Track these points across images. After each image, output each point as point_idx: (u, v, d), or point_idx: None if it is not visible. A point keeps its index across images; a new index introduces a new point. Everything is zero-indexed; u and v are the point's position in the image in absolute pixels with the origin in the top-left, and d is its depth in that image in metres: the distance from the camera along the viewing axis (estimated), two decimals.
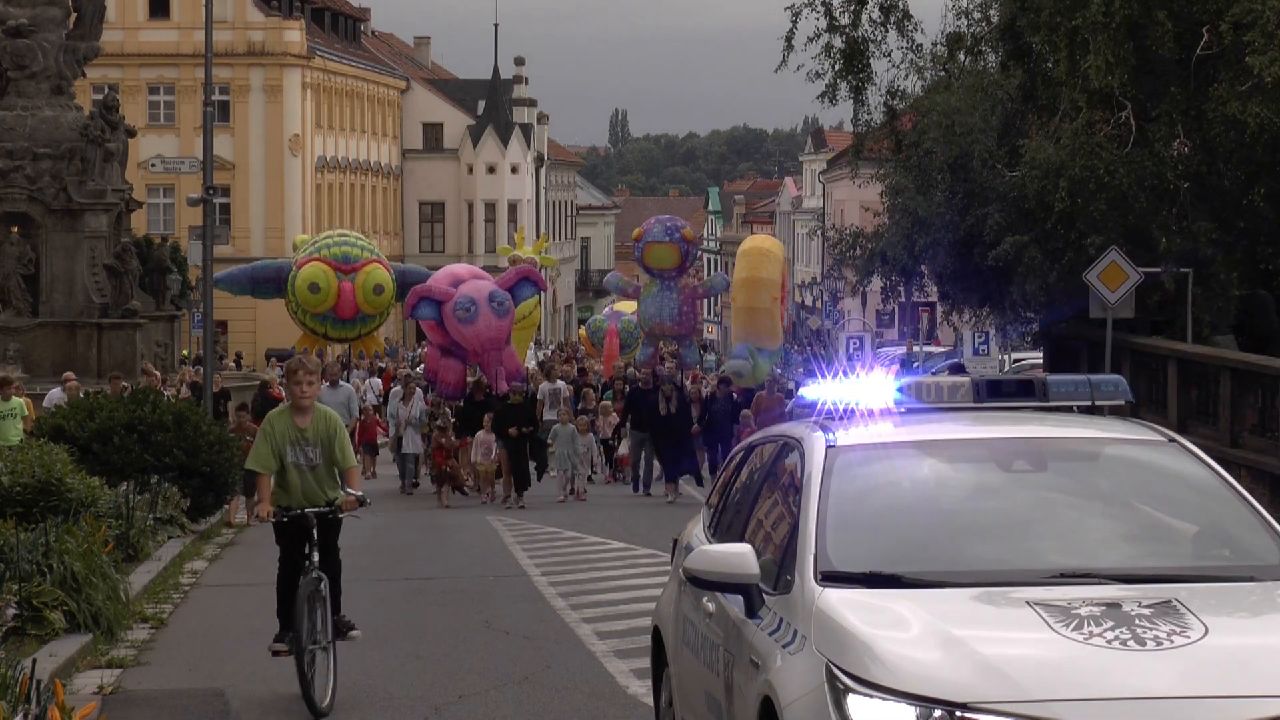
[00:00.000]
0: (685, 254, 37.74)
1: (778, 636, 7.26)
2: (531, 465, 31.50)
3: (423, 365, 40.73)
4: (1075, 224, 27.63)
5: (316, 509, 12.55)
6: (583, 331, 64.00)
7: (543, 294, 38.63)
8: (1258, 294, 28.03)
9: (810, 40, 31.60)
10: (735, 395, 33.43)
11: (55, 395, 29.80)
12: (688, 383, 38.16)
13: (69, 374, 32.16)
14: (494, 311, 33.99)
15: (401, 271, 47.27)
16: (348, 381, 37.54)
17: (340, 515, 12.65)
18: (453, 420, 31.33)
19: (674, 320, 37.10)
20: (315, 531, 12.51)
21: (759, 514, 8.47)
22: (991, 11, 31.65)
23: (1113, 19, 26.20)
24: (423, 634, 15.77)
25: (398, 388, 34.71)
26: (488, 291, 34.30)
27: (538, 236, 77.95)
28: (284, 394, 12.71)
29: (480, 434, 30.21)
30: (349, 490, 12.60)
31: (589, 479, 32.43)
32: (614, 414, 35.16)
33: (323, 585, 12.50)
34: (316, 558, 12.52)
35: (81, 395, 27.99)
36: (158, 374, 34.70)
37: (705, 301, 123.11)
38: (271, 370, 47.00)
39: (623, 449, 34.87)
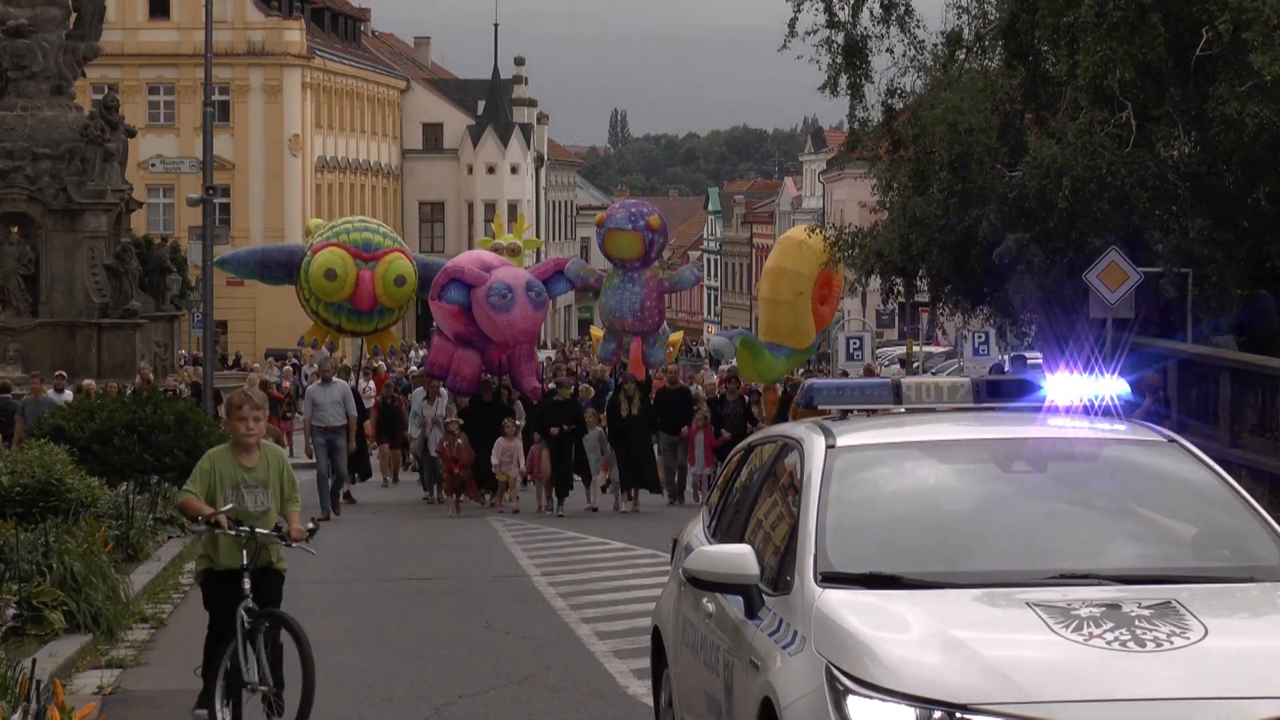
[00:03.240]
0: (650, 243, 34.43)
1: (777, 637, 7.26)
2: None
3: (422, 357, 39.15)
4: (1076, 224, 27.64)
5: (261, 565, 10.87)
6: (597, 331, 63.43)
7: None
8: (1259, 294, 28.01)
9: (809, 34, 31.61)
10: (746, 395, 31.40)
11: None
12: (711, 379, 36.94)
13: (60, 373, 32.28)
14: (531, 302, 31.10)
15: (424, 264, 44.13)
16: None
17: (292, 544, 10.93)
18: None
19: (635, 315, 33.82)
20: (248, 581, 10.80)
21: (759, 514, 8.47)
22: (989, 7, 31.65)
23: (1106, 19, 26.21)
24: (423, 634, 15.77)
25: (420, 387, 32.59)
26: (525, 280, 31.59)
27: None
28: (230, 431, 11.06)
29: (501, 440, 28.04)
30: (292, 524, 10.91)
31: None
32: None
33: (264, 625, 10.80)
34: (250, 595, 10.80)
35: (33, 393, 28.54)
36: (150, 375, 34.80)
37: (706, 297, 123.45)
38: (269, 371, 46.99)
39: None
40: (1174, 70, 27.22)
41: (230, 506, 10.69)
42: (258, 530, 10.73)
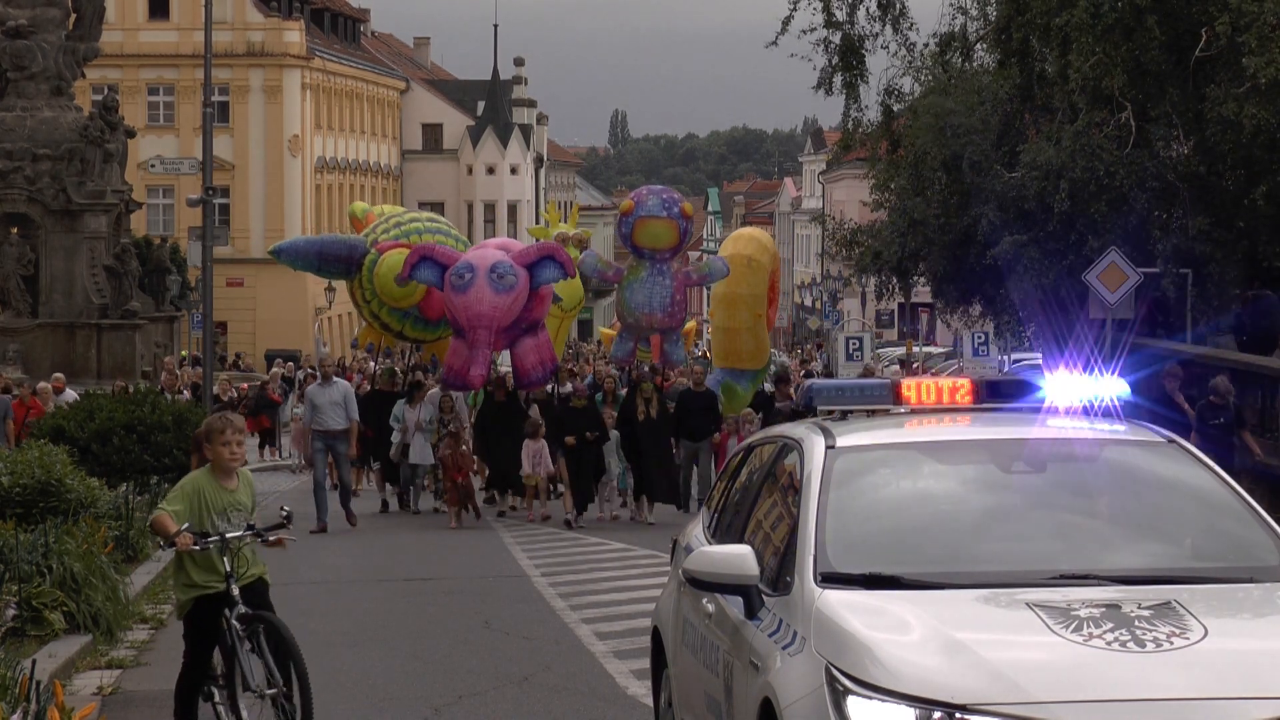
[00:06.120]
0: (684, 233, 31.60)
1: (777, 638, 7.26)
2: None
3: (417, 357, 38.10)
4: (1075, 225, 27.69)
5: (249, 582, 10.58)
6: (607, 330, 62.97)
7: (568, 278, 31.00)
8: (1263, 295, 28.03)
9: (806, 32, 31.59)
10: (795, 398, 29.71)
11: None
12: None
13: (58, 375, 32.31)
14: (491, 284, 27.75)
15: None
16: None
17: (269, 539, 10.64)
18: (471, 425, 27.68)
19: (665, 310, 30.90)
20: (236, 588, 10.47)
21: (759, 515, 8.47)
22: (989, 8, 31.69)
23: (1100, 21, 26.24)
24: (423, 634, 15.77)
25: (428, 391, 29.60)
26: (492, 261, 28.32)
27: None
28: (211, 455, 10.53)
29: (528, 442, 26.33)
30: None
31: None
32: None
33: (259, 627, 10.46)
34: (239, 602, 10.47)
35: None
36: (178, 372, 34.80)
37: (706, 297, 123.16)
38: (269, 374, 46.91)
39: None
40: (1173, 71, 27.27)
41: (187, 525, 10.29)
42: (229, 535, 10.36)
